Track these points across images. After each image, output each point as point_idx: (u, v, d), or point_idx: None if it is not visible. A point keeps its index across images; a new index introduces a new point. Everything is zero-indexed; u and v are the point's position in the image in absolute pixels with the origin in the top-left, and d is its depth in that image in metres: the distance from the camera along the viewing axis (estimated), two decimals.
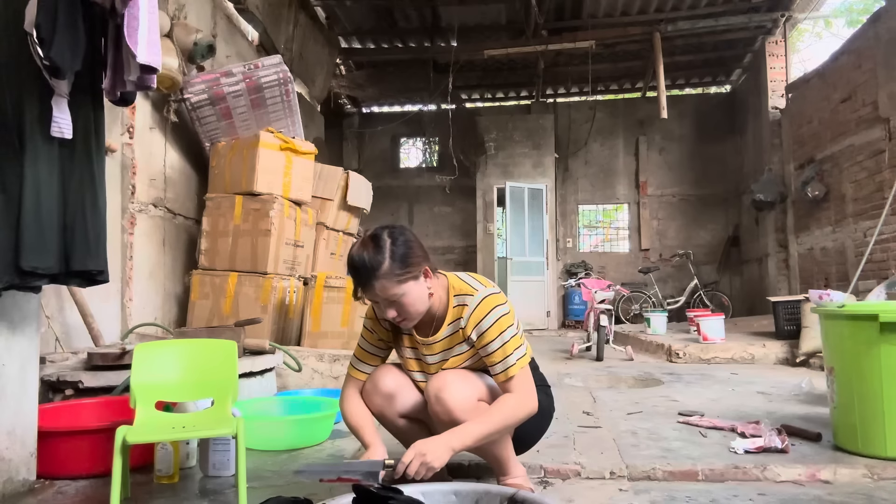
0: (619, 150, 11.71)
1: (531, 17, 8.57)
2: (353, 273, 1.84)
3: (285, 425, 2.78)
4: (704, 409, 3.18)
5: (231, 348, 2.26)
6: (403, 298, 1.83)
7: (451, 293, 1.95)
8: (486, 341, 1.87)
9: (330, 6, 8.62)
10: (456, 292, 1.94)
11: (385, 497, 1.48)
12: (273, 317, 4.49)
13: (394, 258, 1.81)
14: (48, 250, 2.03)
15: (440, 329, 1.95)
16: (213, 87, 4.66)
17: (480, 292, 1.91)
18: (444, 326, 1.95)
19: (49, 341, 3.41)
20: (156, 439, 2.17)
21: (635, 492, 2.12)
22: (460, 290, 1.94)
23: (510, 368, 1.85)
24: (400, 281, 1.81)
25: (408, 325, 1.92)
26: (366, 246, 1.83)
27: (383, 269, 1.80)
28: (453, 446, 1.75)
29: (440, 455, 1.72)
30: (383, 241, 1.83)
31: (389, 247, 1.82)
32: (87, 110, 2.15)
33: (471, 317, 1.89)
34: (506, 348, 1.86)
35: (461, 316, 1.91)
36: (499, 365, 1.86)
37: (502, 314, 1.88)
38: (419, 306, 1.87)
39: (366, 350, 2.10)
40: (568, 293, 10.66)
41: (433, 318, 1.96)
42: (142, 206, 4.46)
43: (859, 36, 6.86)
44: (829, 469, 2.23)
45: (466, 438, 1.77)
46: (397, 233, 1.86)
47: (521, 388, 1.86)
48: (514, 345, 1.87)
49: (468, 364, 1.96)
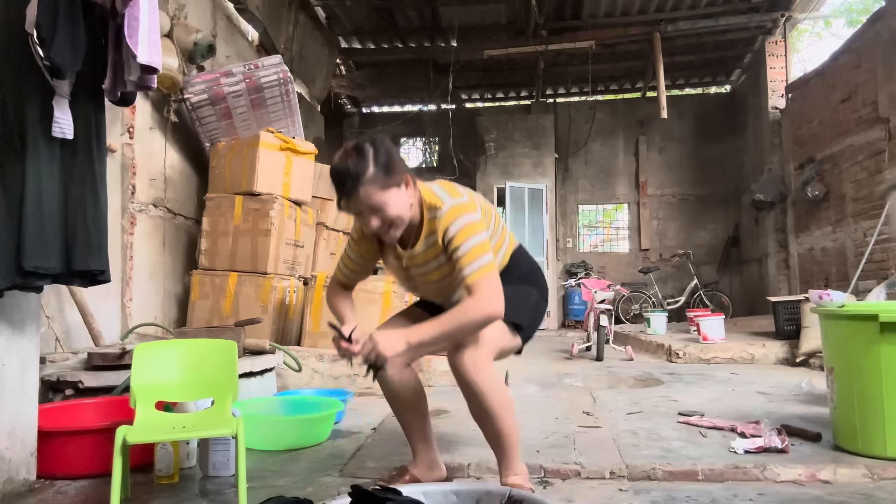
0: (619, 150, 11.71)
1: (531, 18, 8.57)
2: (338, 182, 1.87)
3: (285, 425, 2.78)
4: (704, 409, 3.18)
5: (231, 348, 2.26)
6: (387, 207, 1.86)
7: (424, 206, 1.97)
8: (455, 245, 1.90)
9: (330, 6, 8.62)
10: (428, 205, 1.96)
11: (384, 497, 1.48)
12: (273, 317, 4.49)
13: (377, 165, 1.84)
14: (50, 250, 2.03)
15: (418, 241, 2.00)
16: (213, 87, 4.66)
17: (447, 203, 1.94)
18: (422, 239, 1.99)
19: (49, 341, 3.41)
20: (156, 439, 2.17)
21: (635, 492, 2.12)
22: (431, 202, 1.96)
23: (473, 273, 1.87)
24: (384, 187, 1.85)
25: (393, 234, 1.94)
26: (349, 155, 1.86)
27: (367, 176, 1.83)
28: (409, 339, 1.84)
29: (393, 344, 1.82)
30: (366, 150, 1.86)
31: (372, 155, 1.85)
32: (89, 110, 2.15)
33: (440, 225, 1.93)
34: (472, 253, 1.88)
35: (434, 228, 1.95)
36: (466, 269, 1.88)
37: (466, 223, 1.91)
38: (403, 215, 1.91)
39: (350, 258, 2.17)
40: (568, 293, 10.66)
41: (412, 230, 2.00)
42: (142, 206, 4.46)
43: (859, 36, 6.86)
44: (829, 469, 2.23)
45: (423, 334, 1.85)
46: (378, 142, 1.89)
47: (480, 292, 1.86)
48: (479, 252, 1.89)
49: (450, 269, 1.97)
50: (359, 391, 4.08)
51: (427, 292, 2.18)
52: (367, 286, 4.56)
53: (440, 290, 2.10)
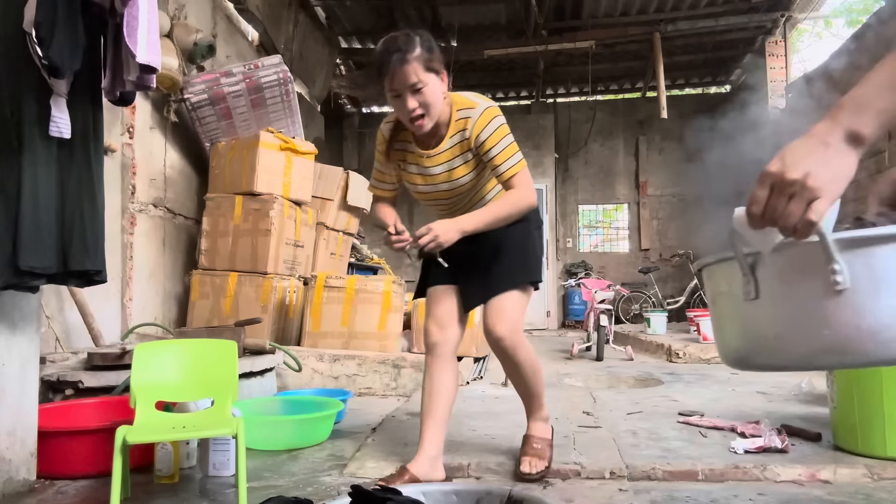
0: (619, 150, 11.70)
1: (531, 18, 8.57)
2: (385, 57, 1.98)
3: (285, 425, 2.78)
4: (704, 409, 3.18)
5: (231, 348, 2.26)
6: (426, 89, 2.00)
7: (453, 108, 2.13)
8: (489, 146, 2.09)
9: (330, 6, 8.62)
10: (458, 107, 2.12)
11: (384, 497, 1.48)
12: (273, 317, 4.49)
13: (423, 46, 2.01)
14: (46, 250, 2.02)
15: (443, 141, 2.15)
16: (213, 87, 4.66)
17: (481, 105, 2.11)
18: (447, 139, 2.15)
19: (49, 341, 3.40)
20: (156, 439, 2.17)
21: (635, 492, 2.12)
22: (462, 104, 2.13)
23: (511, 168, 2.10)
24: (427, 68, 2.00)
25: (424, 124, 2.06)
26: (398, 36, 2.02)
27: (415, 53, 1.98)
28: (463, 227, 2.06)
29: (449, 232, 2.03)
30: (413, 35, 2.03)
31: (419, 40, 2.02)
32: (87, 110, 2.14)
33: (476, 125, 2.09)
34: (506, 152, 2.09)
35: (465, 127, 2.11)
36: (501, 166, 2.09)
37: (501, 123, 2.10)
38: (437, 103, 2.05)
39: (380, 169, 2.37)
40: (568, 293, 10.66)
41: (437, 131, 2.15)
42: (142, 206, 4.46)
43: (859, 36, 6.86)
44: (829, 469, 2.23)
45: (477, 222, 2.09)
46: (424, 33, 2.07)
47: (521, 184, 2.11)
48: (513, 150, 2.10)
49: (472, 174, 2.17)
50: (359, 391, 4.08)
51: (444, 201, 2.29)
52: (368, 286, 4.56)
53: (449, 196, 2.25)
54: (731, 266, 0.93)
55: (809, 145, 0.83)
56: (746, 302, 0.90)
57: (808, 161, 0.80)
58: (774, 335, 0.90)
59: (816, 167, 0.80)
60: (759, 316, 0.91)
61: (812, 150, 0.81)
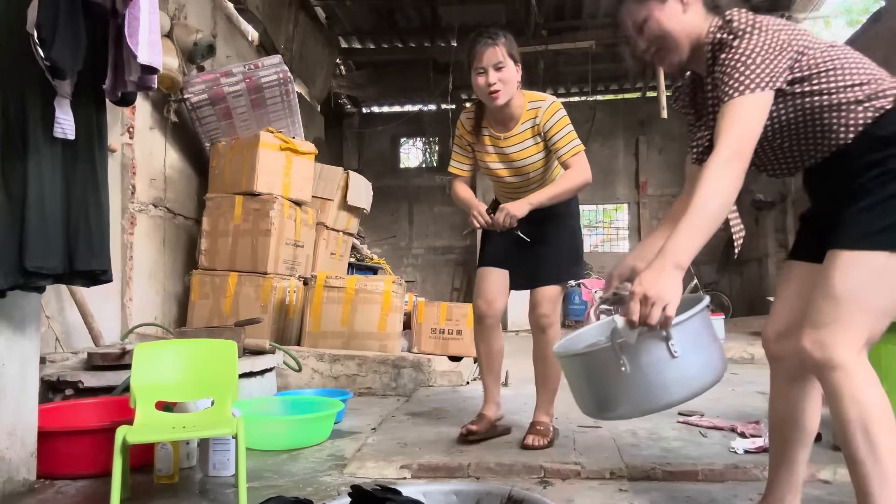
0: (619, 150, 11.71)
1: (531, 18, 8.58)
2: (477, 39, 2.52)
3: (285, 425, 2.78)
4: (704, 409, 3.18)
5: (231, 348, 2.26)
6: (505, 69, 2.49)
7: (526, 100, 2.63)
8: (556, 131, 2.58)
9: (330, 6, 8.63)
10: (530, 99, 2.63)
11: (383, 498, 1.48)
12: (273, 317, 4.49)
13: (507, 38, 2.53)
14: (52, 250, 2.03)
15: (517, 125, 2.63)
16: (213, 87, 4.66)
17: (549, 99, 2.63)
18: (520, 123, 2.63)
19: (49, 341, 3.41)
20: (156, 439, 2.17)
21: (635, 492, 2.12)
22: (534, 97, 2.64)
23: (573, 149, 2.59)
24: (510, 55, 2.51)
25: (499, 96, 2.51)
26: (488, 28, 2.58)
27: (502, 40, 2.51)
28: (531, 200, 2.52)
29: (521, 206, 2.50)
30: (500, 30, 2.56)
31: (504, 32, 2.54)
32: (90, 111, 2.15)
33: (545, 113, 2.58)
34: (569, 136, 2.58)
35: (536, 115, 2.60)
36: (565, 147, 2.58)
37: (564, 115, 2.60)
38: (512, 81, 2.52)
39: (458, 153, 2.83)
40: (568, 293, 10.65)
41: (511, 116, 2.63)
42: (142, 206, 4.46)
43: (859, 36, 6.86)
44: (829, 469, 2.23)
45: (542, 196, 2.55)
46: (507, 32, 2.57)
47: (579, 163, 2.59)
48: (573, 136, 2.59)
49: (540, 154, 2.65)
50: (359, 391, 4.08)
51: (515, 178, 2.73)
52: (368, 286, 4.57)
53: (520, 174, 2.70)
54: (605, 352, 1.40)
55: (654, 274, 1.33)
56: (619, 374, 1.37)
57: (657, 284, 1.32)
58: (644, 390, 1.39)
59: (662, 286, 1.31)
60: (629, 380, 1.38)
61: (657, 277, 1.33)
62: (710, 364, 1.45)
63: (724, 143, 1.41)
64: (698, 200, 1.37)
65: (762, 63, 1.43)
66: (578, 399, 1.56)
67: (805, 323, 1.45)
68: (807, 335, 1.43)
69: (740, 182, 1.41)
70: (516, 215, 2.48)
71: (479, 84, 2.52)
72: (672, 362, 1.35)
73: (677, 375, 1.39)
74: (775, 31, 1.48)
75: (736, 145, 1.40)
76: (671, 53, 1.59)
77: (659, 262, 1.34)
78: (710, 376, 1.44)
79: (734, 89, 1.43)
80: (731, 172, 1.40)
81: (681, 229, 1.37)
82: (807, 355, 1.43)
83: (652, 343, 1.35)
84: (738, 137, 1.41)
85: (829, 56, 1.49)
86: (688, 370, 1.40)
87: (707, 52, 1.55)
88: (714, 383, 1.45)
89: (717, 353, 1.48)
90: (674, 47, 1.58)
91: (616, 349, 1.35)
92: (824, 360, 1.40)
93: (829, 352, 1.39)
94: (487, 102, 2.57)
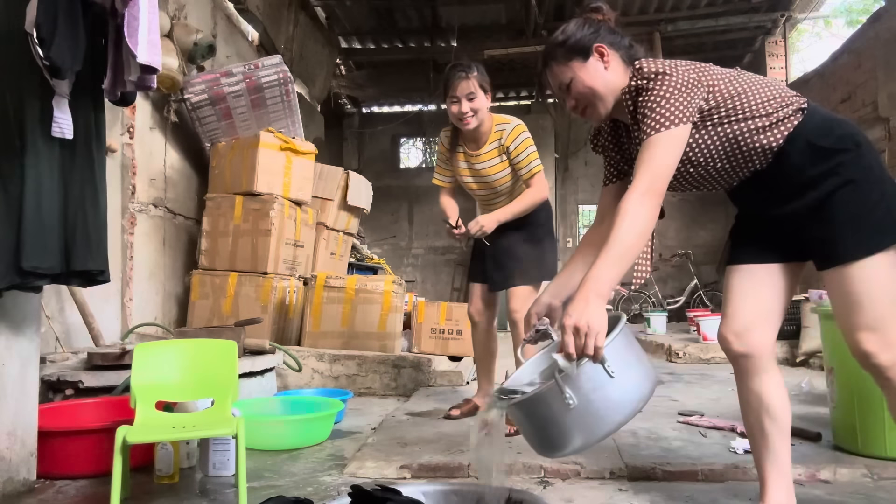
0: None
1: (531, 17, 8.57)
2: (453, 72, 2.85)
3: (285, 425, 2.78)
4: (704, 409, 3.18)
5: (231, 348, 2.26)
6: (476, 99, 2.83)
7: (494, 122, 2.96)
8: (518, 152, 2.91)
9: (330, 6, 8.63)
10: (497, 122, 2.96)
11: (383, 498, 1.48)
12: (273, 317, 4.49)
13: (479, 71, 2.86)
14: (49, 250, 2.03)
15: (485, 144, 2.97)
16: (213, 87, 4.66)
17: (513, 122, 2.95)
18: (488, 143, 2.97)
19: (49, 341, 3.40)
20: (156, 439, 2.17)
21: (635, 492, 2.12)
22: (500, 120, 2.97)
23: (532, 170, 2.93)
24: (481, 86, 2.84)
25: (469, 122, 2.86)
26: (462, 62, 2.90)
27: (475, 73, 2.84)
28: (498, 217, 2.89)
29: (489, 222, 2.87)
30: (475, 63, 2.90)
31: (477, 66, 2.87)
32: (88, 110, 2.15)
33: (509, 135, 2.91)
34: (529, 157, 2.91)
35: (501, 136, 2.93)
36: (525, 168, 2.92)
37: (526, 137, 2.93)
38: (482, 110, 2.87)
39: (440, 165, 3.18)
40: None
41: (481, 137, 2.97)
42: (142, 206, 4.46)
43: (859, 36, 6.86)
44: (829, 469, 2.23)
45: (507, 213, 2.91)
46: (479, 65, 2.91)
47: (537, 183, 2.94)
48: (534, 157, 2.93)
49: (506, 171, 2.97)
50: (359, 391, 4.08)
51: (484, 191, 3.07)
52: (368, 286, 4.57)
53: (489, 188, 3.03)
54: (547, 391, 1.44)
55: (581, 306, 1.38)
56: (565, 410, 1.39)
57: (584, 315, 1.37)
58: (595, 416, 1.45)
59: (590, 316, 1.36)
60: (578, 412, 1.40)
61: (584, 309, 1.38)
62: (645, 376, 1.52)
63: (639, 179, 1.51)
64: (616, 233, 1.45)
65: (675, 101, 1.55)
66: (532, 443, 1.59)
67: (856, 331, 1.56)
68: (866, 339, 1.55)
69: (655, 213, 1.52)
70: (485, 228, 2.86)
71: (453, 111, 2.87)
72: (612, 383, 1.40)
73: (620, 394, 1.45)
74: (685, 71, 1.59)
75: (650, 182, 1.51)
76: (598, 108, 1.70)
77: (582, 294, 1.41)
78: (648, 387, 1.51)
79: (651, 128, 1.54)
80: (646, 206, 1.49)
81: (600, 261, 1.44)
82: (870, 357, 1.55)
83: (590, 370, 1.40)
84: (653, 174, 1.51)
85: (736, 88, 1.63)
86: (627, 386, 1.46)
87: (627, 99, 1.65)
88: (651, 392, 1.52)
89: (646, 364, 1.55)
90: (599, 102, 1.68)
91: (560, 384, 1.38)
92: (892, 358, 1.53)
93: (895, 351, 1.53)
94: (460, 127, 2.92)
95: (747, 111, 1.60)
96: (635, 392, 1.48)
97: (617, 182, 1.84)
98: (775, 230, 1.71)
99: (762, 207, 1.73)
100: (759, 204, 1.73)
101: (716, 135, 1.63)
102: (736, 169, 1.68)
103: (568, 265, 1.82)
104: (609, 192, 1.85)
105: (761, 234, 1.75)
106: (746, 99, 1.61)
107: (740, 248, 1.81)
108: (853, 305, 1.55)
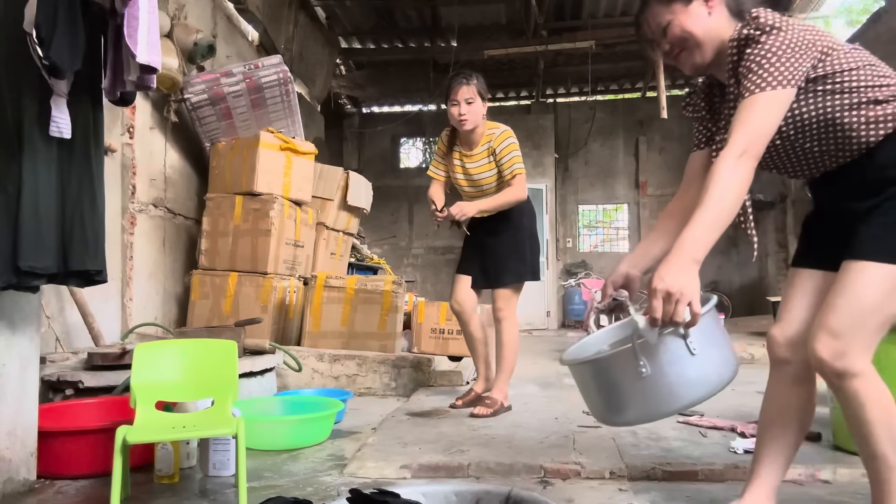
0: (619, 150, 11.70)
1: (531, 17, 8.56)
2: (461, 76, 3.22)
3: (285, 425, 2.78)
4: (704, 409, 3.18)
5: (231, 348, 2.26)
6: (474, 104, 3.19)
7: (486, 128, 3.29)
8: (503, 154, 3.23)
9: (330, 6, 8.62)
10: (489, 128, 3.30)
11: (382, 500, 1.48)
12: (273, 317, 4.49)
13: (479, 80, 3.23)
14: (46, 250, 2.02)
15: (477, 147, 3.31)
16: (213, 87, 4.66)
17: (502, 128, 3.30)
18: (480, 145, 3.30)
19: (49, 341, 3.40)
20: (156, 439, 2.17)
21: (635, 492, 2.12)
22: (491, 126, 3.31)
23: (513, 171, 3.22)
24: (479, 93, 3.20)
25: (466, 123, 3.20)
26: (463, 70, 3.32)
27: (475, 81, 3.21)
28: (478, 206, 3.21)
29: (469, 209, 3.20)
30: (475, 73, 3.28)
31: (477, 75, 3.26)
32: (87, 110, 2.14)
33: (497, 139, 3.25)
34: (512, 161, 3.22)
35: (491, 140, 3.26)
36: (508, 170, 3.23)
37: (512, 141, 3.25)
38: (478, 114, 3.23)
39: (437, 160, 3.49)
40: (568, 293, 10.65)
41: (475, 140, 3.30)
42: (142, 206, 4.45)
43: (859, 36, 6.86)
44: (829, 469, 2.23)
45: (487, 204, 3.24)
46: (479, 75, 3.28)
47: (517, 184, 3.23)
48: (517, 160, 3.23)
49: (492, 172, 3.29)
50: (359, 391, 4.08)
51: (471, 189, 3.39)
52: (368, 286, 4.56)
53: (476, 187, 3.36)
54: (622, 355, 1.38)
55: (674, 269, 1.32)
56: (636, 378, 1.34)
57: (677, 279, 1.30)
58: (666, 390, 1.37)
59: (683, 281, 1.30)
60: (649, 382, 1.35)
61: (678, 272, 1.31)
62: (726, 361, 1.44)
63: (736, 140, 1.42)
64: (711, 196, 1.37)
65: (786, 61, 1.44)
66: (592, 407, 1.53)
67: (818, 330, 1.46)
68: (823, 344, 1.44)
69: (751, 177, 1.42)
70: (465, 212, 3.18)
71: (452, 113, 3.20)
72: (692, 360, 1.32)
73: (697, 373, 1.36)
74: (801, 31, 1.48)
75: (747, 143, 1.41)
76: (694, 55, 1.59)
77: (676, 257, 1.32)
78: (728, 373, 1.43)
79: (755, 84, 1.43)
80: (742, 168, 1.40)
81: (694, 225, 1.36)
82: (824, 364, 1.45)
83: (671, 342, 1.32)
84: (751, 134, 1.41)
85: (853, 58, 1.50)
86: (706, 367, 1.37)
87: (732, 48, 1.54)
88: (730, 380, 1.43)
89: (730, 349, 1.47)
90: (697, 49, 1.58)
91: (636, 350, 1.31)
92: (844, 368, 1.43)
93: (850, 361, 1.42)
94: (458, 127, 3.26)
95: (859, 89, 1.46)
96: (714, 374, 1.39)
97: (705, 148, 1.74)
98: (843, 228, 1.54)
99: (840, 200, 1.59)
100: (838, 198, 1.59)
101: (815, 108, 1.49)
102: (823, 155, 1.55)
103: (648, 236, 1.77)
104: (697, 157, 1.76)
105: (832, 235, 1.59)
106: (863, 71, 1.47)
107: (809, 250, 1.70)
108: (833, 302, 1.46)
